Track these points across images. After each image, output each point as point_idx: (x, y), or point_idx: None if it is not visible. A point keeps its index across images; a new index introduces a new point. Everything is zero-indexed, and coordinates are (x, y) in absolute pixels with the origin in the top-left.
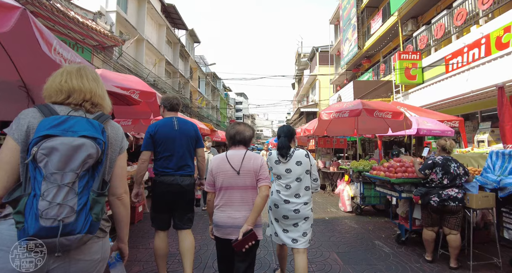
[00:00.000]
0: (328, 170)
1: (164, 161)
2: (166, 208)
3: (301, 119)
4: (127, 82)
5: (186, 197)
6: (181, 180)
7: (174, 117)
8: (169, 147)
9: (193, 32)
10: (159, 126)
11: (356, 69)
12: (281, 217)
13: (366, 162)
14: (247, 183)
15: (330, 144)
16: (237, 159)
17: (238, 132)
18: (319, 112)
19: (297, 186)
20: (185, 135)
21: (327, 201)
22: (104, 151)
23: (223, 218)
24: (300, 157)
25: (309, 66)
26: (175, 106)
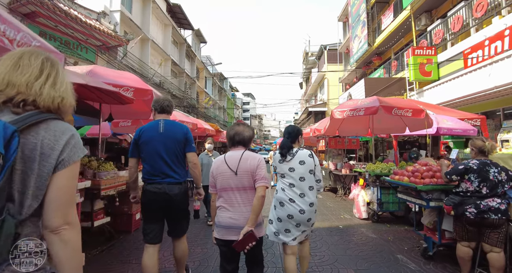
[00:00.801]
0: (340, 173)
1: (150, 167)
2: (155, 218)
3: (309, 119)
4: (121, 79)
5: (176, 207)
6: (169, 188)
7: (161, 119)
8: (153, 152)
9: (199, 32)
10: (144, 130)
11: (366, 66)
12: (286, 217)
13: (383, 165)
14: (245, 184)
15: (342, 145)
16: (234, 160)
17: (237, 132)
18: (331, 110)
19: (300, 185)
20: (171, 139)
21: (340, 206)
22: (6, 166)
23: (224, 218)
24: (303, 156)
25: (317, 64)
26: (166, 108)
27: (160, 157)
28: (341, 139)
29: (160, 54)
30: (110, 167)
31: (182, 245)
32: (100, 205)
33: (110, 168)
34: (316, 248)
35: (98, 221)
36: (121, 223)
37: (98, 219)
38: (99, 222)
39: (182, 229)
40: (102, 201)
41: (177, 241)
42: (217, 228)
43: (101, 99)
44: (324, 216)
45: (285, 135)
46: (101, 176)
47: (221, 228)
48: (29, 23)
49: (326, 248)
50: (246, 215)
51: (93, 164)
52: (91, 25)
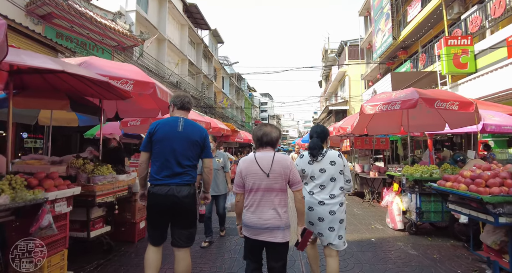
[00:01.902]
0: (368, 176)
1: (159, 166)
2: (160, 223)
3: (329, 118)
4: (120, 71)
5: (185, 210)
6: (177, 190)
7: (181, 117)
8: (166, 150)
9: (216, 32)
10: (161, 124)
11: (391, 62)
12: (316, 220)
13: (424, 168)
14: (277, 186)
15: (369, 145)
16: (266, 161)
17: (265, 133)
18: (360, 105)
19: (331, 186)
20: (189, 140)
21: (369, 214)
22: None
23: (253, 219)
24: (333, 157)
25: (337, 62)
26: (186, 105)
27: (173, 157)
28: (368, 138)
29: (177, 54)
30: (107, 170)
31: (186, 261)
32: (98, 213)
33: (107, 171)
34: (347, 269)
35: (96, 231)
36: (124, 232)
37: (96, 229)
38: (96, 232)
39: (188, 237)
40: (101, 209)
41: (181, 255)
42: (245, 227)
43: (100, 94)
44: (352, 226)
45: (313, 134)
46: (96, 181)
47: (249, 228)
48: (46, 25)
49: (359, 269)
50: (273, 216)
51: (87, 167)
52: (106, 25)
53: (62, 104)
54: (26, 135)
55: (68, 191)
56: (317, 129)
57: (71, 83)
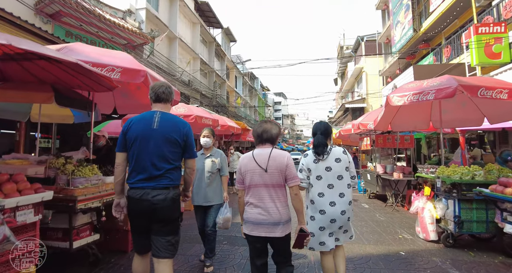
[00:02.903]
0: (391, 177)
1: (134, 169)
2: (139, 229)
3: (346, 116)
4: (107, 58)
5: (161, 216)
6: (152, 194)
7: (157, 111)
8: (140, 151)
9: (228, 30)
10: (134, 121)
11: (411, 56)
12: (329, 222)
13: (464, 169)
14: (274, 181)
15: (392, 143)
16: (263, 157)
17: (265, 130)
18: (386, 96)
19: (339, 184)
20: (165, 138)
21: (394, 221)
22: None
23: (253, 214)
24: (338, 154)
25: (354, 58)
26: (162, 96)
27: (149, 158)
28: (390, 136)
29: (188, 53)
30: (92, 171)
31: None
32: (84, 219)
33: (91, 173)
34: None
35: (81, 241)
36: (116, 241)
37: (81, 238)
38: (82, 241)
39: (167, 247)
40: (87, 215)
41: (159, 267)
42: (246, 223)
43: (87, 86)
44: (376, 235)
45: (317, 132)
46: (76, 184)
47: (249, 223)
48: (55, 24)
49: None
50: (274, 211)
51: (68, 168)
52: (114, 22)
53: (45, 96)
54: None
55: (35, 196)
56: (320, 126)
57: (53, 73)
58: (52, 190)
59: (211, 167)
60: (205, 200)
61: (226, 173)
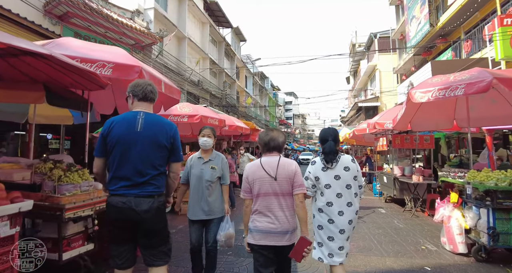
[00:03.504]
0: (410, 180)
1: (115, 175)
2: (121, 239)
3: (359, 116)
4: (98, 53)
5: (147, 227)
6: (136, 203)
7: (141, 112)
8: (122, 156)
9: (238, 30)
10: (116, 122)
11: (427, 52)
12: (338, 233)
13: (500, 174)
14: (284, 190)
15: (410, 143)
16: (272, 165)
17: (272, 138)
18: (407, 92)
19: (348, 194)
20: (151, 142)
21: (414, 228)
22: None
23: (263, 223)
24: (347, 162)
25: (366, 55)
26: (149, 95)
27: (132, 164)
28: (409, 136)
29: (198, 53)
30: (81, 177)
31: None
32: (76, 229)
33: (80, 179)
34: None
35: (71, 252)
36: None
37: (73, 248)
38: (72, 252)
39: (161, 256)
40: (78, 224)
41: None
42: (253, 233)
43: (79, 83)
44: (395, 244)
45: (328, 138)
46: (63, 191)
47: (257, 233)
48: (64, 25)
49: None
50: (283, 220)
51: (55, 173)
52: (122, 22)
53: (36, 96)
54: (50, 136)
55: (9, 207)
56: (330, 132)
57: (44, 71)
58: (38, 197)
59: (210, 175)
60: (206, 213)
61: (227, 182)
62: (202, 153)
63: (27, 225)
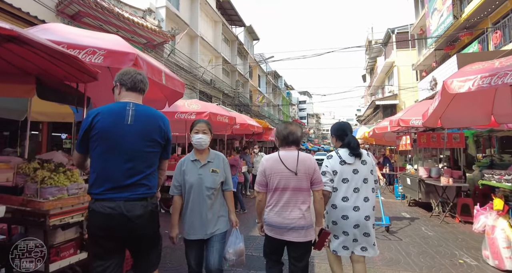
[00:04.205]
0: (438, 183)
1: (100, 176)
2: (108, 252)
3: (376, 114)
4: (89, 39)
5: (140, 235)
6: (127, 208)
7: (131, 103)
8: (109, 152)
9: (251, 28)
10: (102, 114)
11: (450, 46)
12: (352, 228)
13: None
14: (303, 185)
15: (437, 142)
16: (291, 160)
17: (291, 132)
18: (442, 82)
19: (365, 188)
20: (143, 136)
21: (446, 237)
22: None
23: (277, 219)
24: (364, 156)
25: (383, 52)
26: (139, 85)
27: (120, 162)
28: (435, 134)
29: (210, 52)
30: (70, 179)
31: None
32: (66, 236)
33: (67, 181)
34: None
35: (60, 262)
36: None
37: (61, 258)
38: (61, 263)
39: (152, 263)
40: (69, 231)
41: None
42: (268, 227)
43: (72, 75)
44: (427, 257)
45: (347, 132)
46: (46, 195)
47: (272, 227)
48: (76, 25)
49: None
50: (298, 215)
51: (38, 174)
52: (133, 21)
53: (25, 89)
54: (65, 136)
55: None
56: (348, 126)
57: (33, 61)
58: (19, 202)
59: (213, 181)
60: (207, 231)
61: (232, 187)
62: (197, 155)
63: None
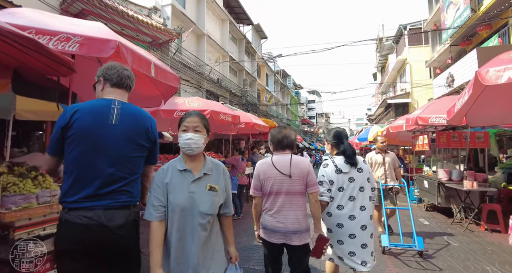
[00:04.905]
0: (460, 187)
1: (76, 181)
2: (81, 270)
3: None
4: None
5: (121, 249)
6: (107, 217)
7: (116, 100)
8: (89, 155)
9: (259, 27)
10: (82, 111)
11: (467, 41)
12: (347, 237)
13: None
14: (296, 188)
15: (459, 142)
16: (284, 164)
17: (285, 136)
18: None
19: (361, 196)
20: (129, 139)
21: (473, 248)
22: None
23: (273, 223)
24: (360, 163)
25: (395, 49)
26: (125, 81)
27: (102, 166)
28: (457, 133)
29: (217, 51)
30: (41, 185)
31: None
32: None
33: (36, 188)
34: None
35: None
36: None
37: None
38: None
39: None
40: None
41: None
42: (264, 230)
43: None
44: (454, 271)
45: (343, 139)
46: (8, 205)
47: (268, 231)
48: None
49: None
50: (292, 219)
51: (2, 180)
52: (138, 19)
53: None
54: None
55: None
56: (344, 133)
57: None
58: None
59: (210, 204)
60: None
61: (232, 210)
62: (188, 162)
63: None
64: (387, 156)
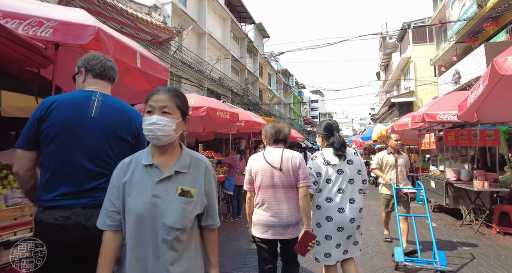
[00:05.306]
0: (470, 187)
1: (53, 178)
2: None
3: (392, 112)
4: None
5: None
6: (86, 216)
7: (97, 92)
8: (67, 150)
9: (261, 26)
10: (58, 103)
11: (473, 38)
12: (336, 230)
13: None
14: (287, 182)
15: (468, 140)
16: (275, 158)
17: (279, 130)
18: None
19: (350, 189)
20: (110, 133)
21: (486, 252)
22: None
23: (265, 217)
24: (350, 155)
25: (399, 47)
26: (109, 72)
27: (81, 161)
28: (465, 130)
29: (219, 50)
30: (10, 185)
31: None
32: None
33: (5, 188)
34: None
35: None
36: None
37: None
38: None
39: None
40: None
41: None
42: (256, 226)
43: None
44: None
45: (334, 130)
46: None
47: (260, 226)
48: None
49: None
50: (286, 213)
51: None
52: (137, 16)
53: None
54: None
55: None
56: (335, 124)
57: None
58: None
59: (179, 214)
60: None
61: (218, 222)
62: (156, 155)
63: None
64: (400, 158)
